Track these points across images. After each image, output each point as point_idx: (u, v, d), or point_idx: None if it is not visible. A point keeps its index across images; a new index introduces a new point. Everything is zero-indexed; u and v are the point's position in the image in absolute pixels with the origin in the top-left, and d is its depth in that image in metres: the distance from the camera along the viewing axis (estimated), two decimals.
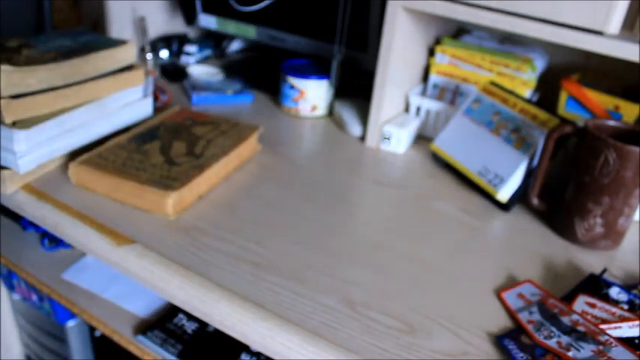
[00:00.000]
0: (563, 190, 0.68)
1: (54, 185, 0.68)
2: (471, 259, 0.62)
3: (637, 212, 0.70)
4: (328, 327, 0.50)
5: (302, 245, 0.61)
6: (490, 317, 0.53)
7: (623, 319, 0.52)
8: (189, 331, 0.80)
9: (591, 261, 0.64)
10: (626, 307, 0.55)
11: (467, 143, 0.79)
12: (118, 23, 1.06)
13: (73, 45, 0.75)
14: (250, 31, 1.10)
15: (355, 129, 0.90)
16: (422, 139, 0.91)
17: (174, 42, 1.14)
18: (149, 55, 1.08)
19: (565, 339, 0.49)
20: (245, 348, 0.79)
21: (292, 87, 0.94)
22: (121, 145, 0.71)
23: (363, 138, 0.89)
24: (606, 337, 0.49)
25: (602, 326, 0.51)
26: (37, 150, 0.67)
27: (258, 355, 0.78)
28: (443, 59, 0.89)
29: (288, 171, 0.77)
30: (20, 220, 0.99)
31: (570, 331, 0.50)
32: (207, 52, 1.18)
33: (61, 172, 0.71)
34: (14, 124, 0.64)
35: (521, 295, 0.56)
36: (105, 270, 0.90)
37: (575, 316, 0.52)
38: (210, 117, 0.83)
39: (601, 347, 0.48)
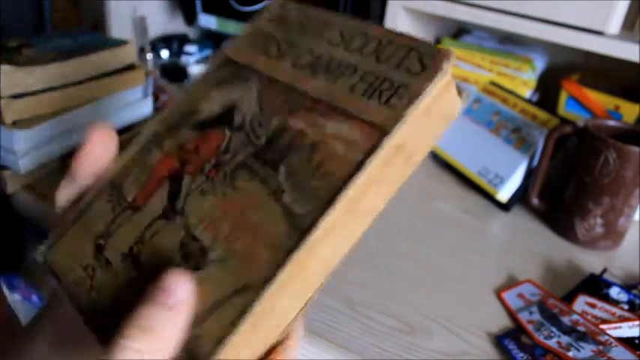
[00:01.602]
0: (563, 190, 0.68)
1: (54, 185, 0.68)
2: (471, 259, 0.62)
3: (637, 212, 0.70)
4: (328, 327, 0.50)
5: None
6: (490, 317, 0.53)
7: (623, 319, 0.52)
8: None
9: (591, 261, 0.64)
10: (626, 307, 0.55)
11: (467, 143, 0.79)
12: (118, 23, 1.06)
13: (73, 45, 0.75)
14: None
15: None
16: None
17: (174, 42, 1.14)
18: (149, 55, 1.08)
19: (565, 339, 0.49)
20: None
21: None
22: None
23: None
24: (606, 337, 0.49)
25: (602, 326, 0.51)
26: (37, 150, 0.67)
27: None
28: None
29: None
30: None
31: (570, 331, 0.50)
32: (207, 52, 1.18)
33: (62, 172, 0.70)
34: (14, 124, 0.64)
35: (521, 295, 0.56)
36: None
37: (575, 316, 0.52)
38: None
39: (601, 347, 0.48)
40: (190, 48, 1.14)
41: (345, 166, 0.24)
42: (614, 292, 0.57)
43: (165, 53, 1.13)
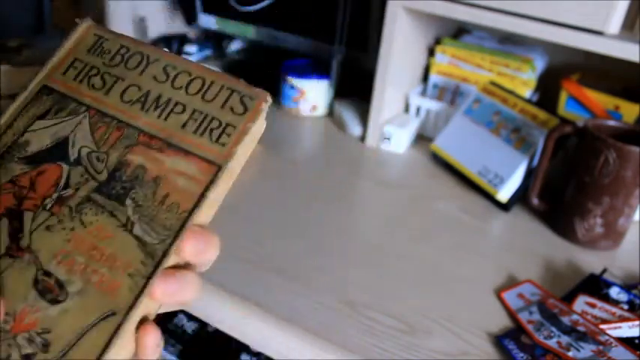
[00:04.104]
0: (563, 190, 0.68)
1: None
2: (471, 259, 0.62)
3: (637, 212, 0.70)
4: (328, 327, 0.50)
5: (302, 245, 0.61)
6: (490, 317, 0.53)
7: (623, 319, 0.52)
8: (189, 331, 0.80)
9: (591, 261, 0.64)
10: (626, 307, 0.55)
11: (467, 143, 0.79)
12: (118, 23, 1.06)
13: None
14: (250, 31, 1.10)
15: (355, 129, 0.90)
16: (422, 139, 0.91)
17: (175, 42, 1.14)
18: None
19: (565, 339, 0.49)
20: (245, 348, 0.78)
21: (292, 87, 0.94)
22: None
23: (363, 138, 0.89)
24: (606, 337, 0.49)
25: (602, 326, 0.51)
26: None
27: (258, 355, 0.78)
28: (443, 59, 0.89)
29: (288, 171, 0.77)
30: None
31: (570, 331, 0.50)
32: (207, 52, 1.18)
33: None
34: None
35: (521, 295, 0.56)
36: None
37: (575, 316, 0.52)
38: None
39: (601, 347, 0.48)
40: (190, 48, 1.14)
41: (189, 197, 0.27)
42: (614, 292, 0.57)
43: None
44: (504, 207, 0.72)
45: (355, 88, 0.99)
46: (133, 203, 0.27)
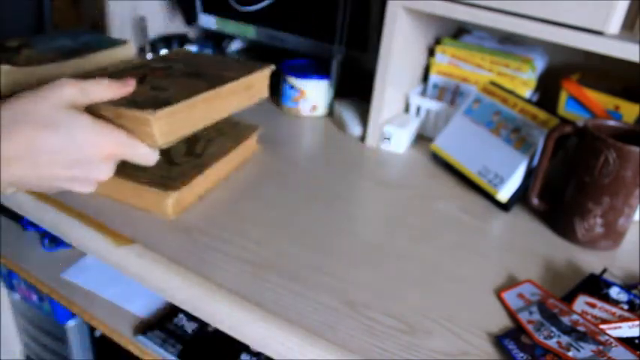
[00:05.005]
0: (563, 190, 0.68)
1: None
2: (471, 259, 0.62)
3: (637, 212, 0.70)
4: (328, 327, 0.50)
5: (302, 245, 0.61)
6: (490, 317, 0.53)
7: (623, 319, 0.52)
8: (189, 331, 0.80)
9: (591, 261, 0.64)
10: (626, 307, 0.55)
11: (467, 143, 0.79)
12: (118, 23, 1.06)
13: (73, 45, 0.75)
14: (250, 31, 1.10)
15: (355, 129, 0.90)
16: (422, 139, 0.91)
17: (175, 42, 1.14)
18: (149, 55, 1.08)
19: (565, 339, 0.49)
20: (245, 348, 0.79)
21: (292, 87, 0.94)
22: None
23: (363, 138, 0.89)
24: (606, 337, 0.49)
25: (602, 326, 0.51)
26: None
27: (258, 355, 0.78)
28: (443, 59, 0.89)
29: (288, 171, 0.77)
30: (20, 220, 0.99)
31: (570, 331, 0.50)
32: (207, 52, 1.18)
33: None
34: None
35: (521, 295, 0.56)
36: (105, 270, 0.90)
37: (575, 316, 0.52)
38: None
39: (601, 347, 0.48)
40: (190, 48, 1.14)
41: (233, 76, 0.61)
42: (614, 292, 0.57)
43: (165, 53, 1.12)
44: (504, 207, 0.72)
45: (355, 88, 0.99)
46: (204, 78, 0.59)
